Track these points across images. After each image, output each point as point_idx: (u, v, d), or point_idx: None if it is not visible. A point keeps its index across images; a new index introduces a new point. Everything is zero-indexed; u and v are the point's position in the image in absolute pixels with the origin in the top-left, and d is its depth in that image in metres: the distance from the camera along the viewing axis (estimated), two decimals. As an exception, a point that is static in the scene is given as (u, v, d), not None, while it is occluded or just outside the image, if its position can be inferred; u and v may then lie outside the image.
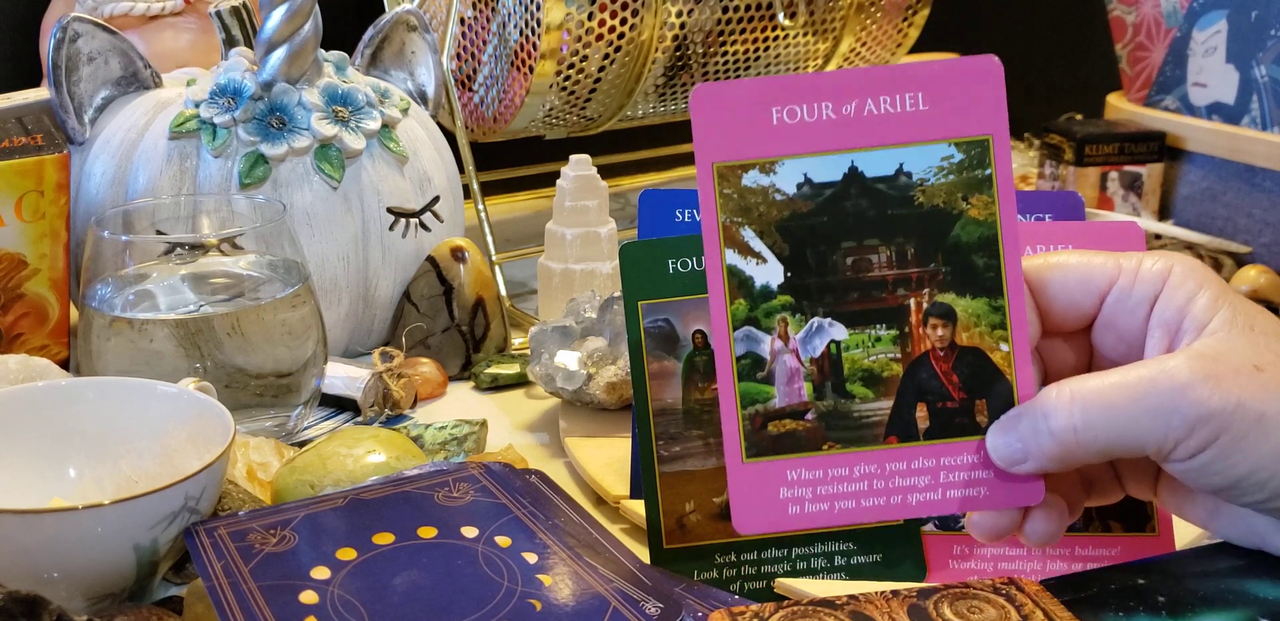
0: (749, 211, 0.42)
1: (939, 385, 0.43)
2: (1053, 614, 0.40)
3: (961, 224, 0.43)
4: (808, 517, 0.42)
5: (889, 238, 0.43)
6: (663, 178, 1.28)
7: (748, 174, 0.42)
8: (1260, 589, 0.42)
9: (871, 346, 0.43)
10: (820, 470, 0.42)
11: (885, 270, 0.43)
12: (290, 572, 0.47)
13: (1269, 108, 1.07)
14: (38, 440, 0.57)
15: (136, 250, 0.66)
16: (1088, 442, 0.40)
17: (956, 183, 0.42)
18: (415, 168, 0.81)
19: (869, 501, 0.43)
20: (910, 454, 0.43)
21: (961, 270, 0.43)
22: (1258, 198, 1.08)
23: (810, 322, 0.43)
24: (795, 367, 0.43)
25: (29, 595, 0.41)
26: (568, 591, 0.48)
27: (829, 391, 0.43)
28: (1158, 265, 0.43)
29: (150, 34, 0.94)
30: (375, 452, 0.58)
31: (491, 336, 0.82)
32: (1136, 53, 1.20)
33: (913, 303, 0.43)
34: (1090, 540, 0.54)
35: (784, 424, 0.42)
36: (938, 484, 0.43)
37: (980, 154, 0.42)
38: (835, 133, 0.42)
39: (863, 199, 0.42)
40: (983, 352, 0.43)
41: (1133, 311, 0.43)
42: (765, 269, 0.42)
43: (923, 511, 0.43)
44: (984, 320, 0.43)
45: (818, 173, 0.42)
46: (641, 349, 0.56)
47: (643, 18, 0.94)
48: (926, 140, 0.42)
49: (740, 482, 0.42)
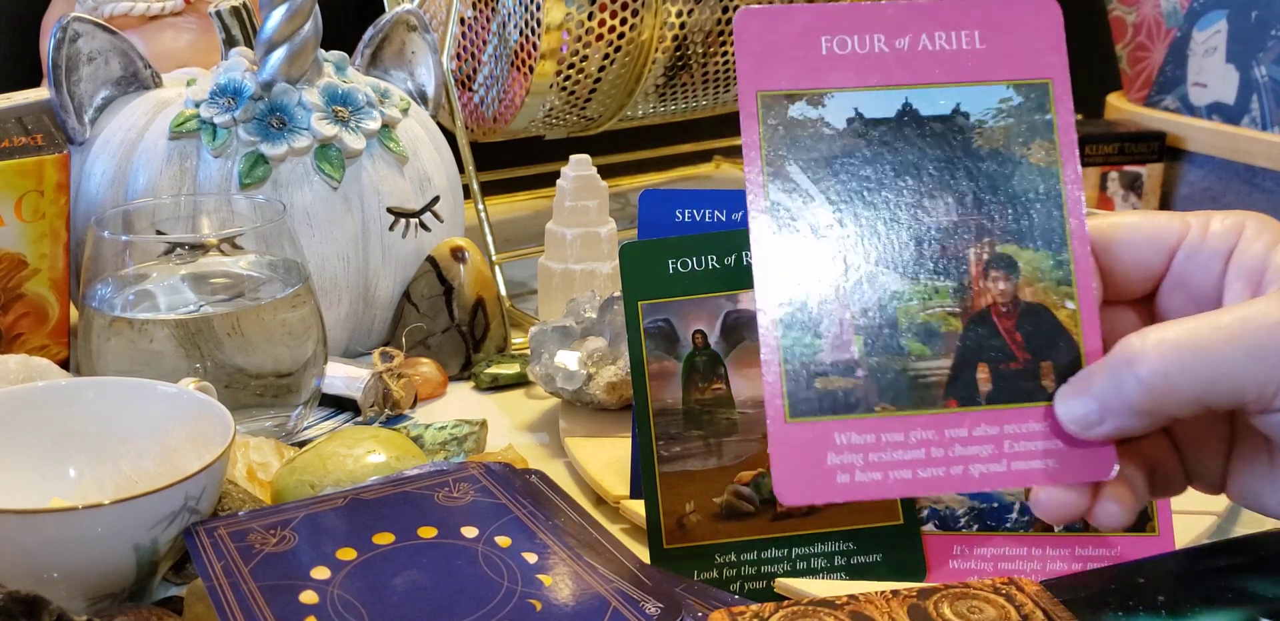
0: (796, 145, 0.39)
1: (1002, 343, 0.40)
2: (1053, 614, 0.40)
3: (1022, 170, 0.40)
4: (859, 488, 0.39)
5: (946, 181, 0.40)
6: (663, 178, 1.28)
7: (795, 105, 0.39)
8: (1260, 587, 0.42)
9: (928, 298, 0.39)
10: (872, 434, 0.39)
11: (943, 216, 0.40)
12: (290, 572, 0.47)
13: (1269, 108, 1.07)
14: (38, 440, 0.57)
15: (136, 250, 0.66)
16: (1180, 388, 0.37)
17: (1015, 126, 0.40)
18: (415, 168, 0.81)
19: (926, 472, 0.39)
20: (972, 419, 0.39)
21: (1023, 220, 0.40)
22: (1258, 198, 1.08)
23: (862, 270, 0.39)
24: (844, 319, 0.39)
25: (29, 595, 0.41)
26: (568, 591, 0.48)
27: (880, 346, 0.39)
28: (1229, 219, 0.41)
29: (150, 34, 0.94)
30: (375, 452, 0.58)
31: (491, 336, 0.82)
32: (1136, 53, 1.20)
33: (972, 253, 0.40)
34: (1090, 540, 0.54)
35: (832, 380, 0.39)
36: (1001, 454, 0.39)
37: (1040, 98, 0.40)
38: (888, 66, 0.39)
39: (918, 139, 0.40)
40: (1047, 310, 0.40)
41: (1206, 266, 0.40)
42: (812, 208, 0.39)
43: (985, 484, 0.39)
44: (1047, 275, 0.40)
45: (870, 108, 0.39)
46: (641, 349, 0.56)
47: (643, 18, 0.94)
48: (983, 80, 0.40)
49: (783, 445, 0.38)
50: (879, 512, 0.55)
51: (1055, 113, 0.40)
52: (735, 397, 0.56)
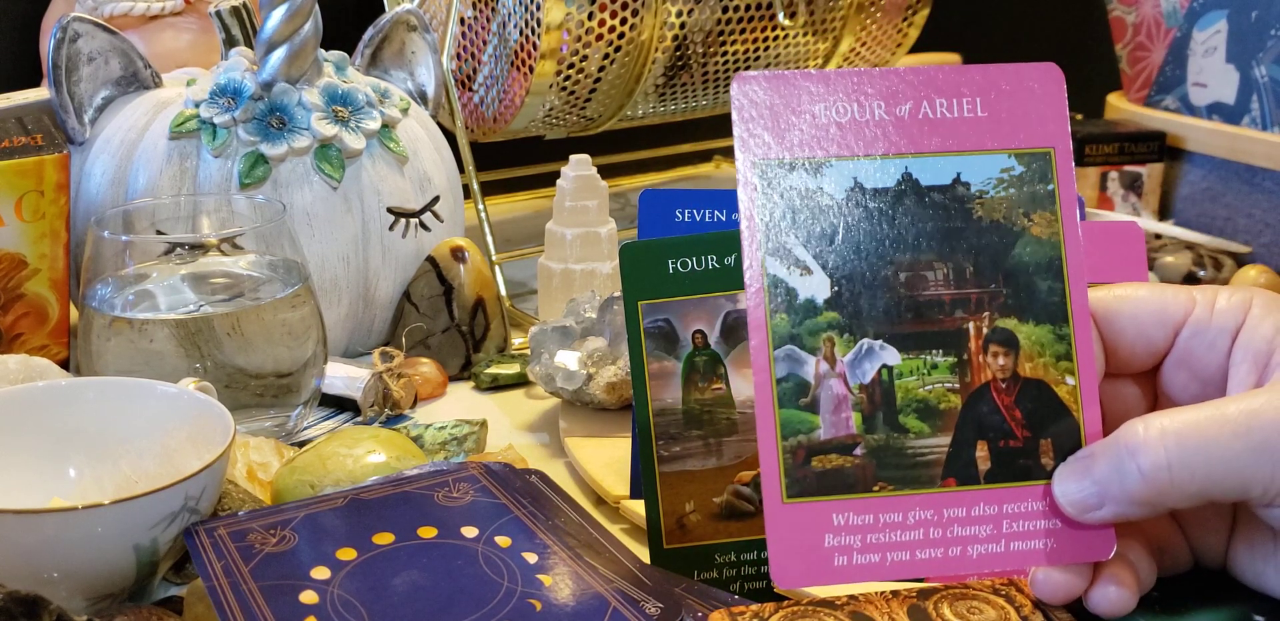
0: (794, 216, 0.38)
1: (1000, 421, 0.39)
2: (1052, 614, 0.40)
3: (1023, 242, 0.39)
4: (856, 570, 0.38)
5: (946, 253, 0.39)
6: (663, 178, 1.28)
7: (793, 174, 0.38)
8: (1257, 587, 0.43)
9: (927, 374, 0.39)
10: (870, 515, 0.38)
11: (942, 289, 0.39)
12: (290, 572, 0.47)
13: (1269, 108, 1.07)
14: (38, 440, 0.57)
15: (136, 250, 0.66)
16: (1183, 484, 0.36)
17: (1017, 197, 0.39)
18: (415, 168, 0.81)
19: (924, 553, 0.38)
20: (970, 499, 0.39)
21: (1023, 293, 0.39)
22: (1258, 198, 1.08)
23: (860, 344, 0.38)
24: (843, 395, 0.38)
25: (29, 595, 0.41)
26: (568, 591, 0.48)
27: (880, 423, 0.38)
28: (1236, 296, 0.40)
29: (150, 34, 0.94)
30: (375, 452, 0.58)
31: (491, 336, 0.82)
32: (1136, 53, 1.20)
33: (971, 327, 0.39)
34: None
35: (830, 459, 0.38)
36: (1000, 534, 0.39)
37: (1042, 168, 0.39)
38: (888, 135, 0.38)
39: (918, 209, 0.39)
40: (1047, 386, 0.39)
41: (1212, 345, 0.40)
42: (810, 281, 0.38)
43: (984, 565, 0.39)
44: (1048, 350, 0.39)
45: (869, 178, 0.38)
46: (641, 349, 0.56)
47: (643, 18, 0.94)
48: (984, 149, 0.39)
49: (779, 526, 0.38)
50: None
51: (1057, 183, 0.39)
52: (735, 397, 0.56)
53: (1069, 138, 0.40)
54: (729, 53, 1.02)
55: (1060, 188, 0.39)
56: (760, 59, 1.05)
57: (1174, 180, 1.17)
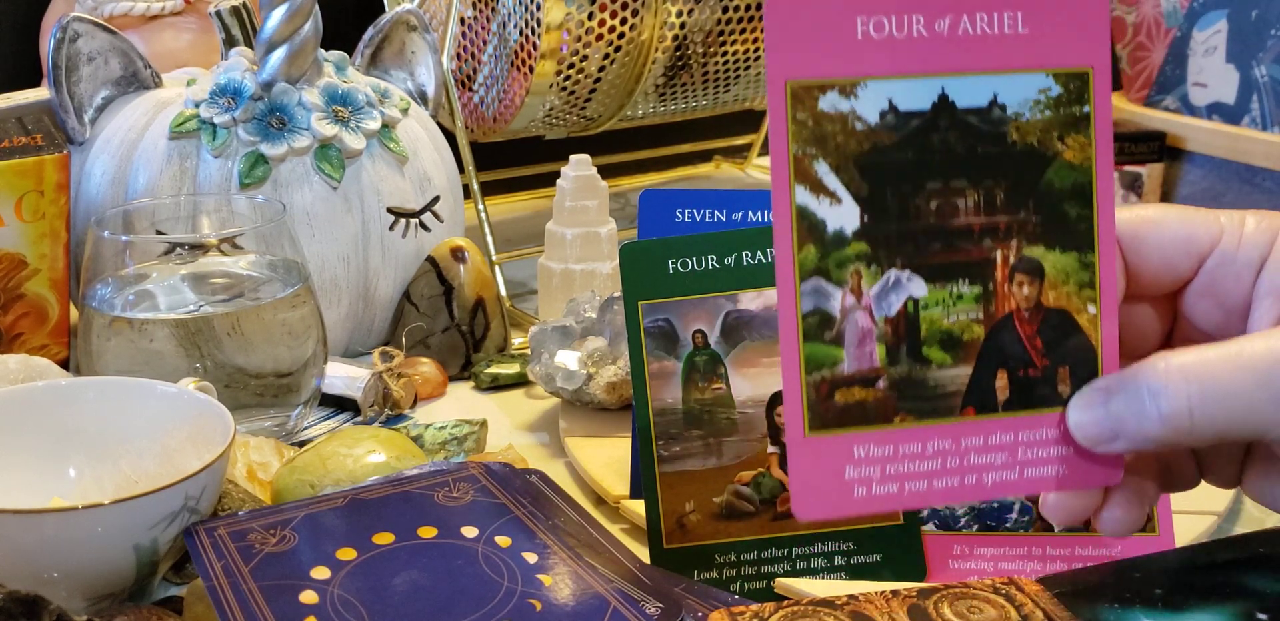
0: (824, 142, 0.37)
1: (1021, 350, 0.38)
2: (1052, 614, 0.40)
3: (1055, 167, 0.38)
4: (875, 501, 0.38)
5: (977, 179, 0.38)
6: (663, 178, 1.28)
7: (825, 96, 0.36)
8: (1258, 583, 0.42)
9: (953, 305, 0.38)
10: (890, 446, 0.38)
11: (972, 217, 0.38)
12: (290, 572, 0.47)
13: (1269, 108, 1.07)
14: (38, 440, 0.57)
15: (136, 250, 0.66)
16: (1201, 428, 0.36)
17: (1053, 120, 0.38)
18: (415, 168, 0.81)
19: (942, 482, 0.38)
20: (988, 427, 0.38)
21: (1052, 220, 0.38)
22: (1258, 198, 1.08)
23: (887, 276, 0.38)
24: (868, 328, 0.37)
25: (29, 595, 0.41)
26: (568, 591, 0.48)
27: (904, 356, 0.38)
28: (1264, 223, 0.39)
29: (150, 34, 0.94)
30: (375, 452, 0.58)
31: (491, 336, 0.82)
32: (1136, 53, 1.20)
33: (999, 255, 0.38)
34: (1090, 540, 0.54)
35: (853, 392, 0.37)
36: (1015, 462, 0.39)
37: (1080, 88, 0.38)
38: (926, 52, 0.36)
39: (951, 133, 0.37)
40: (1069, 314, 0.39)
41: (1238, 277, 0.39)
42: (839, 211, 0.37)
43: (997, 492, 0.39)
44: (1073, 278, 0.39)
45: (905, 99, 0.37)
46: (641, 349, 0.56)
47: (643, 18, 0.94)
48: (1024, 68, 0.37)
49: (802, 460, 0.37)
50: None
51: (1094, 105, 0.38)
52: (735, 397, 0.56)
53: (1109, 56, 0.38)
54: (729, 53, 1.02)
55: (1096, 110, 0.38)
56: (760, 59, 1.05)
57: (1174, 180, 1.17)
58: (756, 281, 0.56)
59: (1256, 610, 0.41)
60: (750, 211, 0.62)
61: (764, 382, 0.56)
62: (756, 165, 1.31)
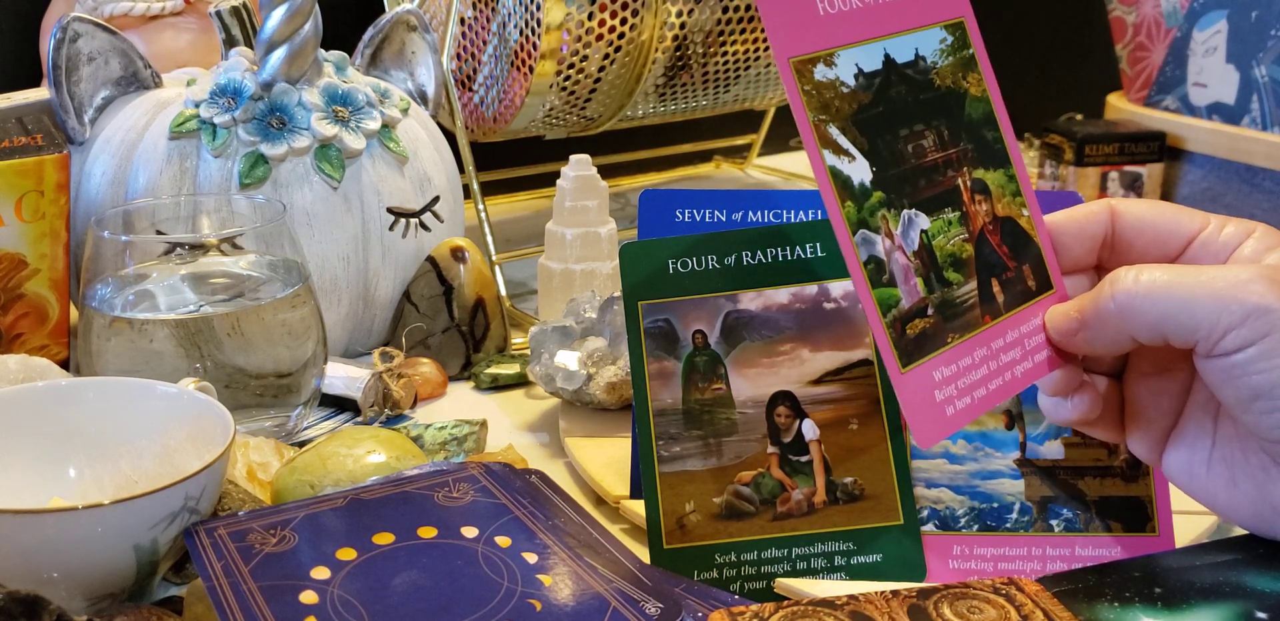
0: (828, 107, 0.42)
1: (998, 258, 0.44)
2: (1052, 614, 0.40)
3: (969, 102, 0.44)
4: (962, 415, 0.43)
5: (928, 121, 0.44)
6: (663, 178, 1.28)
7: (817, 68, 0.42)
8: (1257, 581, 0.43)
9: (948, 230, 0.44)
10: (954, 364, 0.43)
11: (936, 153, 0.44)
12: (290, 572, 0.47)
13: (1269, 108, 1.07)
14: (38, 440, 0.57)
15: (136, 250, 0.66)
16: (1145, 311, 0.42)
17: (956, 63, 0.44)
18: (415, 168, 0.81)
19: (994, 383, 0.44)
20: (1002, 329, 0.44)
21: (981, 145, 0.44)
22: (1258, 198, 1.08)
23: (903, 215, 0.43)
24: (906, 264, 0.42)
25: (29, 595, 0.41)
26: (568, 591, 0.48)
27: (935, 282, 0.43)
28: (1244, 224, 0.46)
29: (150, 34, 0.94)
30: (375, 452, 0.58)
31: (491, 336, 0.82)
32: (1136, 53, 1.20)
33: (960, 182, 0.44)
34: (1090, 540, 0.54)
35: (916, 324, 0.42)
36: (1026, 352, 0.44)
37: (962, 35, 0.45)
38: (866, 21, 0.42)
39: (901, 85, 0.43)
40: (1013, 220, 0.45)
41: (1214, 255, 0.46)
42: (856, 166, 0.42)
43: (1026, 380, 0.44)
44: (1006, 189, 0.45)
45: (865, 62, 0.43)
46: (641, 349, 0.56)
47: (643, 18, 0.94)
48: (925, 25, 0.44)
49: (908, 394, 0.42)
50: (879, 513, 0.55)
51: (974, 46, 0.45)
52: (735, 397, 0.56)
53: (970, 6, 0.45)
54: (729, 53, 1.02)
55: (977, 50, 0.45)
56: (760, 59, 1.05)
57: (1174, 180, 1.17)
58: (756, 281, 0.56)
59: (1256, 610, 0.41)
60: (750, 211, 0.62)
61: (764, 382, 0.56)
62: (756, 165, 1.31)
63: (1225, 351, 0.41)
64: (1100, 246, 0.48)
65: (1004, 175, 0.45)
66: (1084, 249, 0.48)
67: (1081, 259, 0.48)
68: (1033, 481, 0.55)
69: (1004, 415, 0.56)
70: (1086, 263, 0.48)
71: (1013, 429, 0.56)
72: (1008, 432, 0.56)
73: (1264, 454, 0.44)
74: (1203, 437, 0.47)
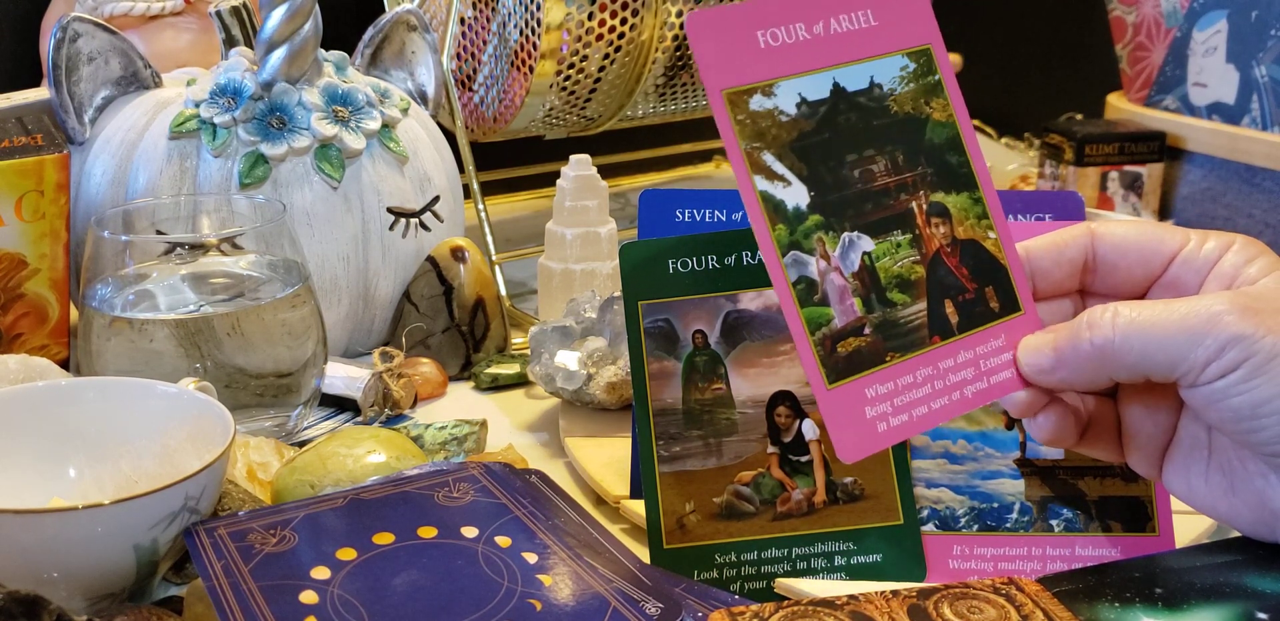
0: (763, 135, 0.43)
1: (955, 280, 0.45)
2: (1052, 614, 0.40)
3: (931, 126, 0.46)
4: (895, 432, 0.43)
5: (880, 146, 0.45)
6: (663, 178, 1.28)
7: (753, 99, 0.43)
8: (1258, 582, 0.43)
9: (895, 252, 0.45)
10: (891, 382, 0.44)
11: (886, 177, 0.45)
12: (290, 572, 0.47)
13: (1269, 108, 1.07)
14: (38, 440, 0.57)
15: (136, 250, 0.66)
16: (1123, 355, 0.43)
17: (917, 90, 0.45)
18: (415, 168, 0.81)
19: (937, 402, 0.44)
20: (953, 349, 0.45)
21: (942, 169, 0.46)
22: (1258, 198, 1.08)
23: (842, 238, 0.44)
24: (842, 285, 0.44)
25: (29, 595, 0.41)
26: (568, 591, 0.48)
27: (876, 303, 0.44)
28: (1223, 237, 0.47)
29: (150, 34, 0.94)
30: (375, 452, 0.58)
31: (491, 336, 0.82)
32: (1136, 53, 1.20)
33: (915, 205, 0.45)
34: (1090, 540, 0.54)
35: (849, 343, 0.43)
36: (981, 372, 0.45)
37: (926, 62, 0.46)
38: (814, 51, 0.44)
39: (851, 113, 0.44)
40: (978, 242, 0.46)
41: (1197, 271, 0.46)
42: (792, 191, 0.43)
43: (979, 401, 0.45)
44: (970, 212, 0.46)
45: (810, 91, 0.44)
46: (641, 349, 0.56)
47: (643, 18, 0.94)
48: (884, 53, 0.45)
49: (831, 410, 0.42)
50: (879, 513, 0.55)
51: (941, 72, 0.46)
52: (735, 397, 0.56)
53: (939, 33, 0.46)
54: (729, 53, 1.02)
55: (945, 76, 0.46)
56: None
57: (1174, 180, 1.17)
58: (756, 281, 0.56)
59: (1256, 610, 0.41)
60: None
61: (764, 382, 0.56)
62: (756, 165, 1.31)
63: (1207, 380, 0.42)
64: (1082, 271, 0.48)
65: (968, 198, 0.46)
66: (1064, 273, 0.48)
67: (1062, 283, 0.48)
68: (1033, 481, 0.55)
69: (1004, 415, 0.56)
70: (1068, 287, 0.48)
71: (1013, 429, 0.56)
72: (1008, 432, 0.56)
73: (1261, 461, 0.44)
74: (1198, 449, 0.47)
